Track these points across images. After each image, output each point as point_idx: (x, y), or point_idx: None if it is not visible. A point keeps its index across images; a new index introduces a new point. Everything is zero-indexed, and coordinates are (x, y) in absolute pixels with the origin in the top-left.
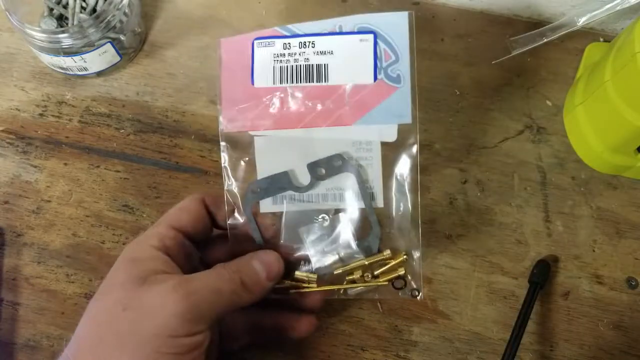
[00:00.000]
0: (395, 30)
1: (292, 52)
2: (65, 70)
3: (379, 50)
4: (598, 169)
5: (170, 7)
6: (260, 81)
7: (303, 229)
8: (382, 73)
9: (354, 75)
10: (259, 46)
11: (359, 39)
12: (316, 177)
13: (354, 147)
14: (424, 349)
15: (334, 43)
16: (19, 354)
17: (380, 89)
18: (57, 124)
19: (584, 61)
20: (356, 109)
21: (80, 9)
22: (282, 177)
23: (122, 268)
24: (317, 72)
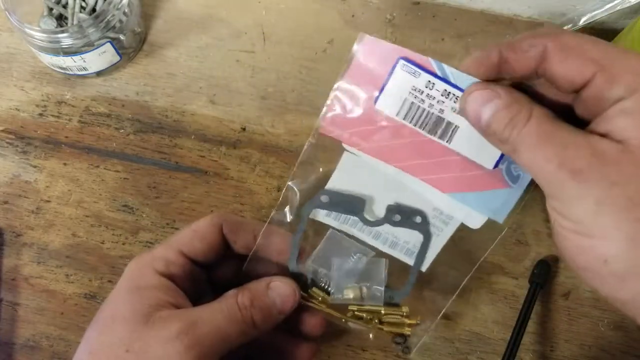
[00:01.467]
0: None
1: (432, 94)
2: (65, 70)
3: None
4: None
5: (170, 6)
6: (383, 105)
7: (336, 257)
8: (505, 164)
9: (477, 152)
10: (403, 69)
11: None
12: (389, 220)
13: (433, 212)
14: (425, 349)
15: None
16: (19, 354)
17: (493, 178)
18: (56, 124)
19: None
20: (458, 181)
21: (79, 9)
22: (357, 201)
23: (125, 298)
24: (444, 128)
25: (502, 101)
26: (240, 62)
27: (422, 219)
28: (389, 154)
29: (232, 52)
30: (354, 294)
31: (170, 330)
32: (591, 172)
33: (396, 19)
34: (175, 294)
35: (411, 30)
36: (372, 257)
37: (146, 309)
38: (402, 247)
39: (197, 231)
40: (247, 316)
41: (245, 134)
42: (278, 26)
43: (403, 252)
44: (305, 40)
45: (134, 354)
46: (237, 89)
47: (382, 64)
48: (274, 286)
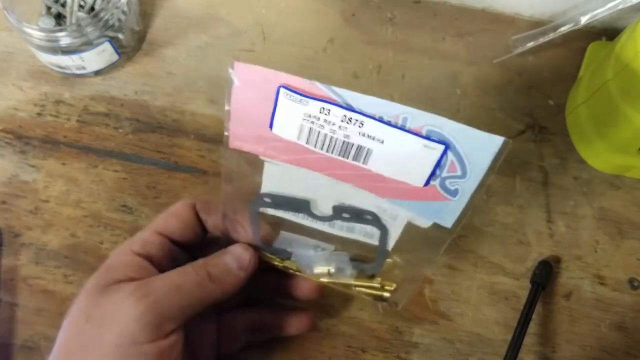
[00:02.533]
0: (477, 151)
1: (331, 120)
2: (63, 69)
3: (444, 160)
4: (600, 169)
5: (170, 5)
6: (280, 131)
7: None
8: (437, 181)
9: (401, 172)
10: (286, 97)
11: (424, 145)
12: (339, 217)
13: (377, 209)
14: (425, 350)
15: (388, 133)
16: (17, 355)
17: (428, 192)
18: (55, 124)
19: (586, 60)
20: (394, 191)
21: (78, 8)
22: (302, 203)
23: (94, 275)
24: (355, 152)
25: None
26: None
27: (373, 216)
28: (313, 165)
29: (232, 51)
30: (321, 271)
31: (124, 291)
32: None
33: (397, 17)
34: (148, 272)
35: (412, 29)
36: (333, 251)
37: (107, 281)
38: (359, 231)
39: (171, 212)
40: (201, 272)
41: None
42: (278, 25)
43: (362, 235)
44: (305, 39)
45: (92, 320)
46: None
47: (266, 89)
48: (227, 249)
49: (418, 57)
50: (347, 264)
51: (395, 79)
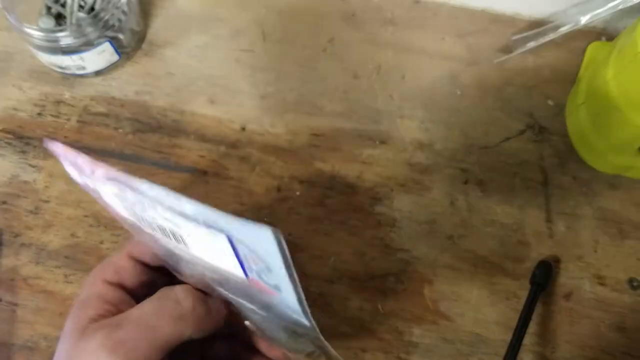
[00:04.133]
0: (259, 244)
1: (132, 201)
2: (64, 70)
3: (241, 252)
4: (600, 169)
5: (170, 5)
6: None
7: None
8: (254, 273)
9: (219, 260)
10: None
11: (208, 233)
12: None
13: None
14: (425, 350)
15: (180, 222)
16: (17, 355)
17: (257, 285)
18: (55, 124)
19: (586, 60)
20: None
21: (78, 8)
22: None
23: (72, 312)
24: (172, 234)
25: None
26: (240, 61)
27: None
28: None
29: (232, 52)
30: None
31: (95, 340)
32: None
33: (397, 17)
34: (122, 302)
35: (412, 29)
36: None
37: (84, 322)
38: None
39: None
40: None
41: (244, 133)
42: (278, 25)
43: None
44: (305, 39)
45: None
46: (237, 89)
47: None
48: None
49: (418, 57)
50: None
51: (395, 79)
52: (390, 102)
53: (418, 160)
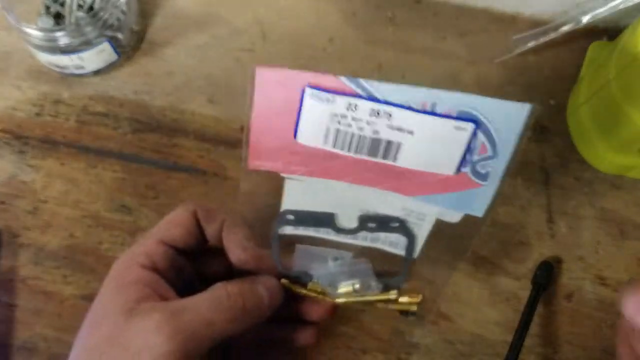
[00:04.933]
0: (506, 123)
1: (358, 117)
2: (62, 69)
3: (475, 142)
4: (602, 169)
5: (169, 4)
6: (305, 138)
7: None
8: (468, 167)
9: (432, 162)
10: (312, 98)
11: (454, 126)
12: (364, 228)
13: (403, 212)
14: (426, 351)
15: (418, 122)
16: (16, 356)
17: (459, 181)
18: (54, 124)
19: (588, 60)
20: (421, 187)
21: (77, 7)
22: (326, 216)
23: (109, 296)
24: (385, 149)
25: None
26: (239, 61)
27: (399, 222)
28: (335, 173)
29: (232, 51)
30: (346, 290)
31: (151, 321)
32: None
33: (397, 17)
34: (160, 286)
35: (412, 28)
36: (353, 258)
37: (130, 303)
38: (383, 241)
39: (172, 220)
40: (236, 302)
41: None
42: (278, 24)
43: (387, 244)
44: (305, 38)
45: (118, 348)
46: (237, 88)
47: (289, 94)
48: (259, 279)
49: (418, 57)
50: (371, 277)
51: (395, 79)
52: None
53: None
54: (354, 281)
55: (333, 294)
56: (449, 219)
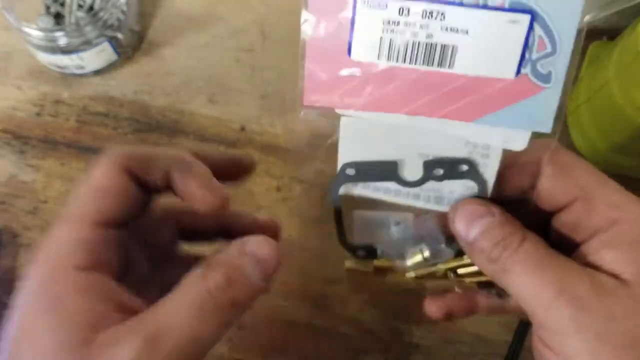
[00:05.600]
0: (563, 11)
1: (412, 21)
2: (62, 69)
3: (532, 37)
4: (601, 168)
5: (169, 5)
6: (360, 54)
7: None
8: (528, 67)
9: (490, 64)
10: (365, 5)
11: (509, 19)
12: (431, 176)
13: (467, 149)
14: (426, 351)
15: (472, 19)
16: None
17: (520, 86)
18: (54, 124)
19: (587, 60)
20: (482, 104)
21: (77, 7)
22: (388, 165)
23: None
24: (440, 54)
25: (496, 219)
26: (239, 61)
27: (469, 166)
28: (392, 103)
29: (232, 51)
30: (416, 260)
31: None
32: (591, 302)
33: None
34: (114, 292)
35: None
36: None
37: (80, 338)
38: (448, 200)
39: (98, 185)
40: (222, 300)
41: (244, 133)
42: (278, 24)
43: (452, 203)
44: None
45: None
46: (237, 88)
47: (340, 9)
48: (250, 249)
49: None
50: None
51: None
52: None
53: None
54: (421, 247)
55: (402, 267)
56: (516, 147)
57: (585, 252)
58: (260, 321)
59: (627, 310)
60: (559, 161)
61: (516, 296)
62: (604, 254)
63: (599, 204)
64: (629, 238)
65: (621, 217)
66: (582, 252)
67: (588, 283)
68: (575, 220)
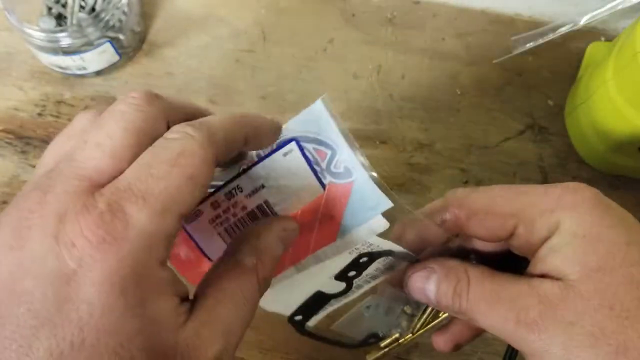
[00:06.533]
0: (317, 124)
1: (226, 208)
2: (64, 70)
3: (309, 153)
4: (600, 169)
5: (170, 6)
6: (216, 254)
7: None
8: (326, 175)
9: (300, 195)
10: (188, 222)
11: (283, 153)
12: (350, 280)
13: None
14: (426, 350)
15: (259, 174)
16: None
17: (335, 194)
18: (55, 124)
19: (586, 60)
20: (326, 226)
21: (79, 8)
22: (317, 296)
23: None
24: (261, 214)
25: (439, 274)
26: (240, 61)
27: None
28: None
29: (232, 52)
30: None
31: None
32: (546, 320)
33: (396, 18)
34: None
35: (411, 29)
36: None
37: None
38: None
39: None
40: (263, 291)
41: None
42: (278, 25)
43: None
44: (305, 39)
45: None
46: (237, 89)
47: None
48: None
49: (418, 58)
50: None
51: (395, 79)
52: (390, 102)
53: (418, 160)
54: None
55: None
56: (382, 228)
57: (535, 263)
58: (260, 321)
59: (579, 311)
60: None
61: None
62: (550, 260)
63: (535, 218)
64: (569, 237)
65: (561, 218)
66: (534, 263)
67: (536, 301)
68: (524, 241)
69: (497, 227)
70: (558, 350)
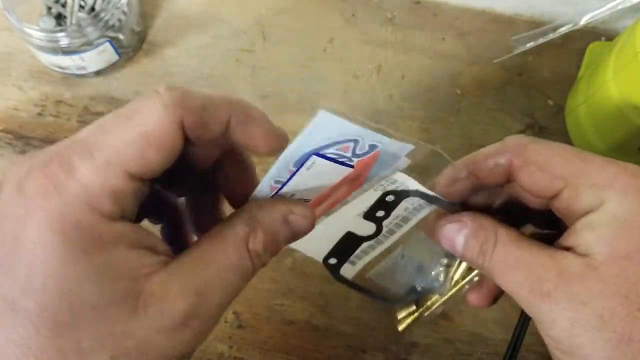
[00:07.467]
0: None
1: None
2: (64, 70)
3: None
4: None
5: (170, 5)
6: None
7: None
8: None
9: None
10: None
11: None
12: (379, 222)
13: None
14: (425, 350)
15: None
16: None
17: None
18: (55, 124)
19: (586, 60)
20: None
21: (78, 8)
22: (349, 237)
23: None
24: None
25: (469, 230)
26: (240, 61)
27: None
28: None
29: (232, 52)
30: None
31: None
32: (559, 293)
33: (397, 18)
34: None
35: (412, 29)
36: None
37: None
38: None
39: (146, 136)
40: (258, 265)
41: None
42: (278, 25)
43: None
44: (305, 39)
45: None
46: (237, 89)
47: None
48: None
49: (418, 57)
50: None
51: (395, 79)
52: (390, 102)
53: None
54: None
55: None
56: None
57: (568, 234)
58: (260, 320)
59: (593, 293)
60: (531, 159)
61: (507, 292)
62: (583, 235)
63: (583, 189)
64: (609, 217)
65: (608, 197)
66: (567, 234)
67: (555, 275)
68: (565, 206)
69: (544, 184)
70: (565, 323)
